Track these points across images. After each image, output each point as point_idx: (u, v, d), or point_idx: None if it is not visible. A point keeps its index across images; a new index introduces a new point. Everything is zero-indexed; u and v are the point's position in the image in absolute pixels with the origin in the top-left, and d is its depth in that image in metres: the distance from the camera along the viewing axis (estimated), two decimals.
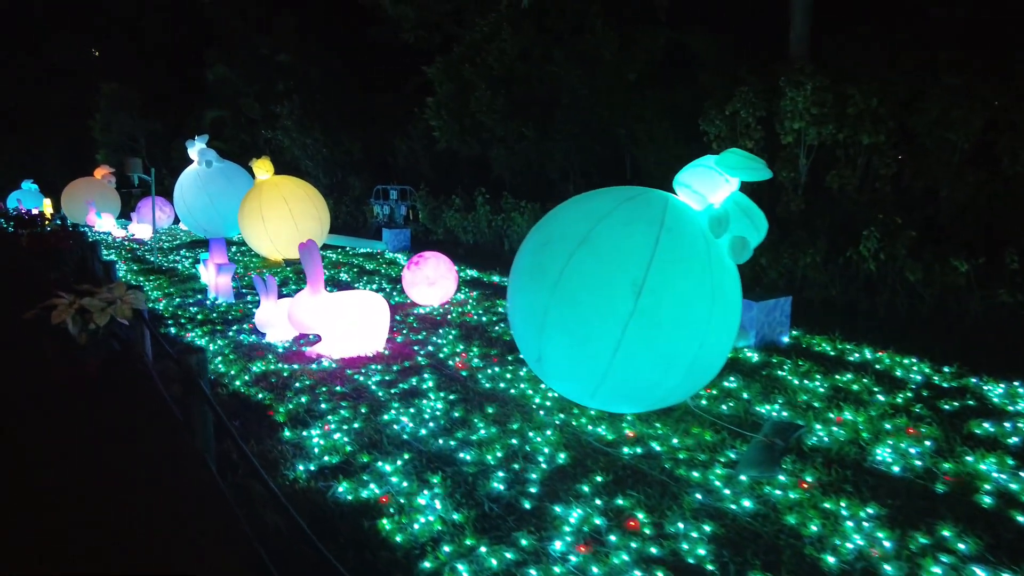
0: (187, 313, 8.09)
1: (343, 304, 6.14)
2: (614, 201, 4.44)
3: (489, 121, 13.82)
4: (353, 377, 5.59)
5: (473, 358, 6.12)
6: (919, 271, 7.49)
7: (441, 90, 14.91)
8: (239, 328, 7.28)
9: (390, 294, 9.08)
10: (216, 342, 6.69)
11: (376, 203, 16.56)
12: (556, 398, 5.07)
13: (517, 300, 4.58)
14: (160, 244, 16.30)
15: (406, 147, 17.75)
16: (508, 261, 11.93)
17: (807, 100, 9.27)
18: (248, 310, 8.18)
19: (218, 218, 15.90)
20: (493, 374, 5.66)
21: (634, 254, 4.13)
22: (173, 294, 9.34)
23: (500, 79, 13.61)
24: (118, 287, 5.33)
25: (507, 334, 6.85)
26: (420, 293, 8.10)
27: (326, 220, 12.43)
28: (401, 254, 13.24)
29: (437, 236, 14.41)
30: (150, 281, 10.65)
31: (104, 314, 5.00)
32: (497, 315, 7.72)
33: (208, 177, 15.83)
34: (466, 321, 7.47)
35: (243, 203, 12.04)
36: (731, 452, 4.25)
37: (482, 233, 13.13)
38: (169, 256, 13.92)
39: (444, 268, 8.14)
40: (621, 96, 12.32)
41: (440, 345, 6.53)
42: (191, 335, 7.04)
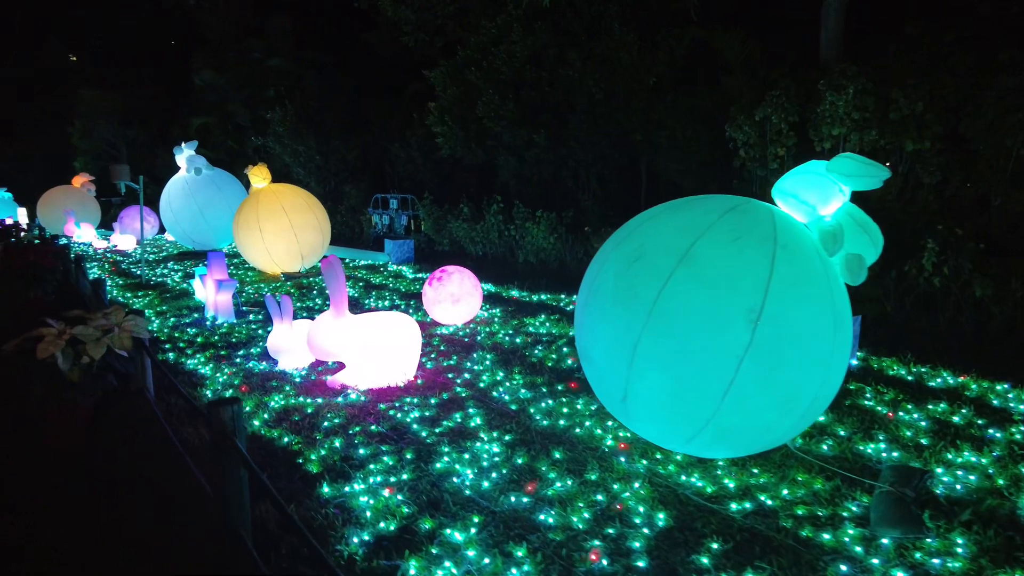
0: (185, 335, 7.29)
1: (371, 327, 5.41)
2: (714, 211, 3.79)
3: (496, 128, 13.16)
4: (388, 413, 4.86)
5: (518, 387, 5.41)
6: (989, 286, 6.93)
7: (444, 95, 14.24)
8: (246, 353, 6.51)
9: (406, 312, 8.34)
10: (222, 371, 5.91)
11: (375, 212, 15.81)
12: (630, 438, 4.38)
13: (597, 329, 3.89)
14: (145, 256, 15.39)
15: (405, 155, 17.03)
16: (522, 273, 11.31)
17: (848, 104, 8.74)
18: (253, 331, 7.41)
19: (207, 228, 15.07)
20: (547, 408, 4.97)
21: (748, 276, 3.47)
22: (166, 313, 8.52)
23: (509, 83, 12.97)
24: (115, 312, 4.56)
25: (549, 358, 6.16)
26: (443, 312, 7.39)
27: (327, 232, 11.67)
28: (406, 266, 12.51)
29: (443, 247, 13.70)
30: (139, 297, 9.81)
31: (99, 345, 4.24)
32: (529, 335, 7.03)
33: (197, 185, 14.99)
34: (498, 343, 6.76)
35: (238, 213, 11.25)
36: (852, 505, 3.60)
37: (492, 244, 12.45)
38: (156, 269, 13.04)
39: (469, 285, 7.44)
40: (640, 100, 11.74)
41: (477, 372, 5.82)
42: (192, 361, 6.25)
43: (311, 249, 11.29)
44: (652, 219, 3.99)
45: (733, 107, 10.22)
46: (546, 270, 11.18)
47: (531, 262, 11.50)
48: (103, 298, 6.79)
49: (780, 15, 11.37)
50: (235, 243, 11.73)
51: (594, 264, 4.22)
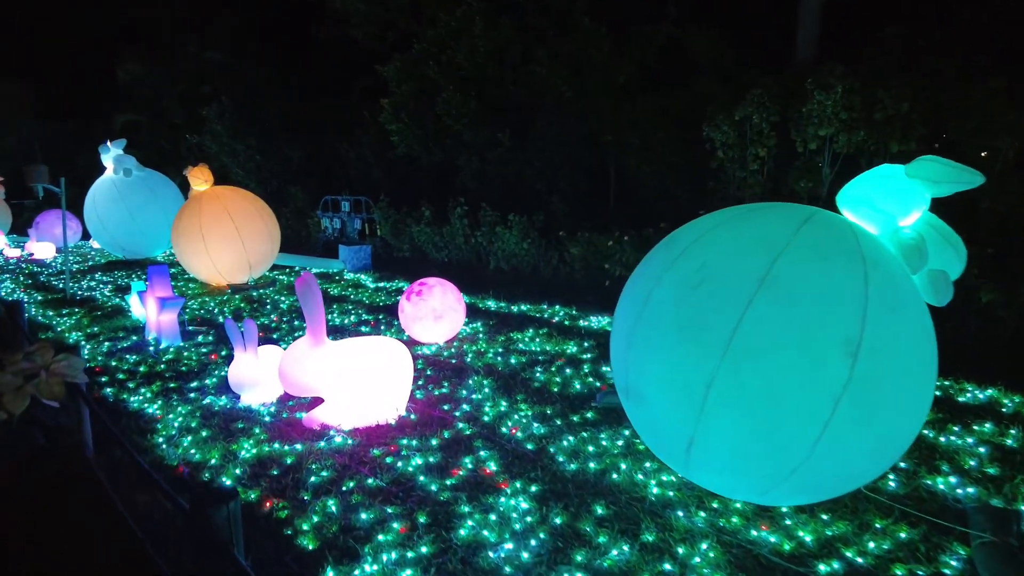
0: (124, 363, 6.29)
1: (356, 356, 4.64)
2: (787, 222, 3.23)
3: (457, 126, 12.43)
4: (385, 461, 4.11)
5: (529, 420, 4.75)
6: (995, 291, 6.69)
7: (399, 91, 13.40)
8: (200, 385, 5.60)
9: (377, 329, 7.55)
10: (175, 410, 5.01)
11: (324, 216, 14.80)
12: (677, 483, 3.79)
13: (653, 365, 3.27)
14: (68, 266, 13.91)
15: (356, 154, 16.06)
16: (494, 281, 10.63)
17: (837, 104, 8.44)
18: (204, 356, 6.47)
19: (139, 235, 13.77)
20: (570, 446, 4.32)
21: (842, 300, 2.92)
22: (99, 335, 7.45)
23: (470, 80, 12.25)
24: (41, 351, 3.65)
25: (553, 383, 5.52)
26: (424, 330, 6.64)
27: (277, 238, 10.69)
28: (364, 274, 11.62)
29: (402, 253, 12.87)
30: (63, 316, 8.64)
31: (21, 396, 3.34)
32: (522, 353, 6.36)
33: (126, 188, 13.67)
34: (491, 364, 6.07)
35: (178, 219, 10.15)
36: (951, 559, 3.12)
37: (458, 250, 11.71)
38: (82, 281, 11.72)
39: (452, 299, 6.72)
40: (609, 100, 11.24)
41: (477, 403, 5.12)
42: (137, 397, 5.31)
43: (260, 258, 10.29)
44: (709, 233, 3.39)
45: (711, 107, 9.84)
46: (519, 277, 10.54)
47: (503, 269, 10.83)
48: (22, 324, 5.75)
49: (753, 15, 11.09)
50: (174, 252, 10.60)
51: (637, 286, 3.60)
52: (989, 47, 8.53)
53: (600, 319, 7.79)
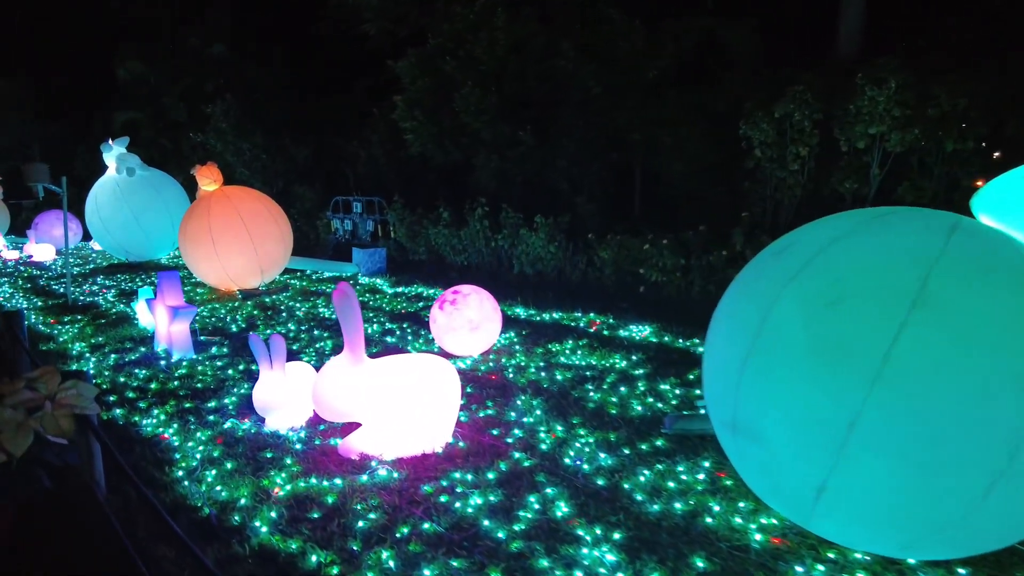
0: (133, 379, 5.77)
1: (400, 375, 4.13)
2: (934, 232, 2.71)
3: (475, 124, 11.91)
4: (439, 500, 3.60)
5: (592, 449, 4.23)
6: None
7: (413, 87, 12.87)
8: (219, 405, 5.08)
9: (404, 339, 7.03)
10: (193, 435, 4.49)
11: (335, 217, 14.28)
12: (782, 527, 3.27)
13: (775, 398, 2.75)
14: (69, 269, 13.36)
15: (365, 153, 15.53)
16: (518, 286, 10.08)
17: (890, 100, 7.94)
18: (220, 370, 5.96)
19: (143, 236, 13.24)
20: (646, 482, 3.81)
21: (1012, 324, 2.42)
22: (104, 346, 6.92)
23: (489, 75, 11.73)
24: (46, 378, 3.13)
25: (609, 403, 5.01)
26: (458, 341, 6.12)
27: (290, 241, 10.17)
28: (380, 278, 11.10)
29: (418, 256, 12.34)
30: (65, 324, 8.12)
31: (23, 433, 2.84)
32: (567, 368, 5.85)
33: (129, 188, 13.14)
34: (535, 381, 5.56)
35: (186, 220, 9.62)
36: None
37: (478, 253, 11.19)
38: (84, 285, 11.19)
39: (489, 308, 6.21)
40: (638, 96, 10.73)
41: (529, 427, 4.60)
42: (150, 420, 4.79)
43: (272, 262, 9.77)
44: (838, 242, 2.87)
45: (749, 103, 9.33)
46: (544, 282, 10.03)
47: (527, 273, 10.31)
48: (21, 337, 5.23)
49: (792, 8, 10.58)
50: (181, 255, 10.08)
51: (744, 304, 3.09)
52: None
53: (640, 328, 7.28)
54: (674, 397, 5.16)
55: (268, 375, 4.49)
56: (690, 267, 8.48)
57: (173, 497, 3.60)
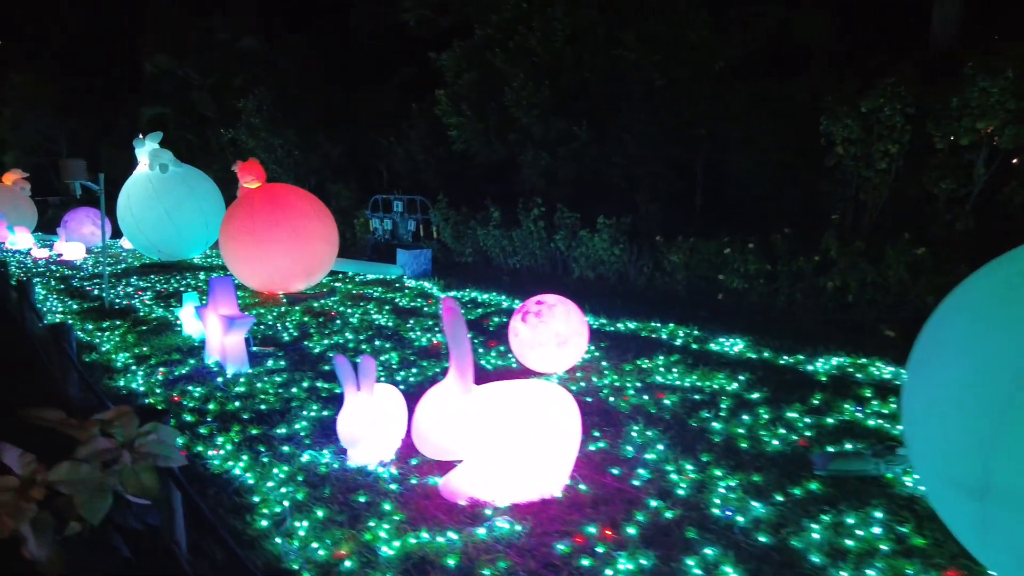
0: (188, 398, 5.20)
1: (515, 406, 3.51)
2: None
3: (526, 118, 11.28)
4: (579, 564, 2.97)
5: (739, 494, 3.59)
6: None
7: (459, 81, 12.27)
8: (290, 432, 4.48)
9: (475, 353, 6.41)
10: (268, 471, 3.89)
11: (374, 216, 13.71)
12: None
13: None
14: (101, 269, 12.92)
15: (403, 150, 14.97)
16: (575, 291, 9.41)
17: (1005, 92, 7.21)
18: (280, 387, 5.37)
19: (176, 235, 12.75)
20: (820, 540, 3.16)
21: None
22: (149, 357, 6.37)
23: (543, 67, 11.10)
24: (122, 420, 2.54)
25: (737, 435, 4.36)
26: (543, 358, 5.50)
27: (336, 242, 9.61)
28: (427, 281, 10.51)
29: (464, 258, 11.74)
30: (104, 330, 7.59)
31: (101, 496, 2.25)
32: (671, 390, 5.20)
33: (163, 184, 12.65)
34: (639, 406, 4.92)
35: (227, 220, 9.08)
36: None
37: (531, 255, 10.56)
38: (117, 287, 10.70)
39: (576, 320, 5.58)
40: (704, 88, 10.05)
41: (653, 464, 3.96)
42: (216, 453, 4.20)
43: (319, 263, 9.21)
44: None
45: (832, 97, 8.63)
46: (606, 287, 9.39)
47: (587, 277, 9.68)
48: (69, 351, 4.67)
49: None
50: (222, 256, 9.55)
51: (1004, 333, 2.43)
52: None
53: (731, 341, 6.61)
54: (806, 427, 4.50)
55: (356, 401, 3.89)
56: (776, 273, 7.81)
57: (264, 558, 3.00)
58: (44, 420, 2.51)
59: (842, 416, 4.69)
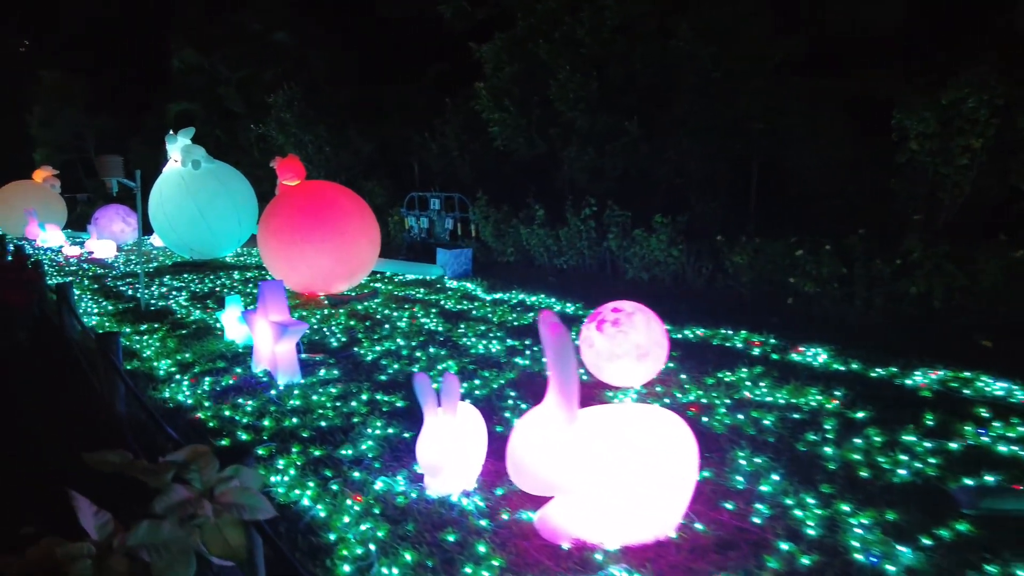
0: (239, 411, 4.82)
1: (627, 435, 3.08)
2: None
3: (571, 112, 10.82)
4: None
5: (882, 538, 3.12)
6: None
7: (500, 74, 11.83)
8: (356, 454, 4.08)
9: (538, 361, 5.98)
10: (346, 507, 3.48)
11: (409, 214, 13.34)
12: None
13: None
14: (131, 266, 12.68)
15: (437, 146, 14.57)
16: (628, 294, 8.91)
17: None
18: (337, 400, 4.98)
19: (209, 233, 12.47)
20: None
21: None
22: (193, 365, 6.02)
23: (589, 59, 10.62)
24: (199, 460, 2.16)
25: (855, 462, 3.89)
26: (622, 371, 5.05)
27: (378, 242, 9.23)
28: (469, 282, 10.10)
29: (506, 257, 11.31)
30: (142, 334, 7.28)
31: (181, 565, 1.86)
32: (766, 407, 4.73)
33: (195, 181, 12.37)
34: (734, 426, 4.46)
35: (266, 218, 8.74)
36: None
37: (578, 255, 10.11)
38: (151, 287, 10.41)
39: (657, 330, 5.13)
40: (763, 80, 9.53)
41: (770, 498, 3.51)
42: (279, 478, 3.81)
43: (361, 264, 8.84)
44: None
45: (906, 89, 8.07)
46: (660, 290, 8.91)
47: (641, 279, 9.21)
48: (118, 363, 4.31)
49: None
50: (261, 256, 9.21)
51: None
52: None
53: (813, 351, 6.12)
54: (927, 453, 4.02)
55: (439, 425, 3.47)
56: (853, 277, 7.29)
57: None
58: (110, 466, 2.12)
59: (965, 440, 4.20)
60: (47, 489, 3.34)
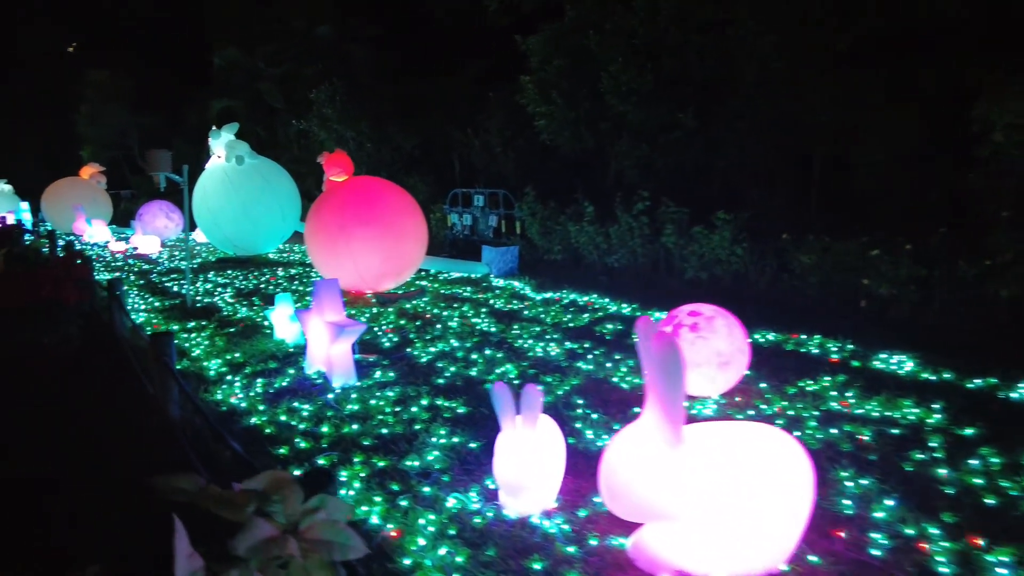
0: (295, 416, 4.60)
1: (738, 459, 2.75)
2: None
3: (622, 106, 10.45)
4: None
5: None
6: None
7: (548, 68, 11.51)
8: (423, 466, 3.82)
9: (601, 366, 5.66)
10: (418, 525, 3.21)
11: (452, 211, 13.10)
12: None
13: None
14: (174, 262, 12.69)
15: (480, 142, 14.31)
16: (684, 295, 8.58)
17: None
18: (395, 405, 4.73)
19: (252, 229, 12.39)
20: None
21: None
22: (243, 365, 5.84)
23: (643, 51, 10.23)
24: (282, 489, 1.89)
25: (976, 487, 3.49)
26: (703, 380, 4.71)
27: (425, 240, 8.99)
28: (516, 280, 9.81)
29: (552, 255, 10.99)
30: (189, 332, 7.14)
31: None
32: (859, 421, 4.34)
33: (239, 177, 12.30)
34: (828, 441, 4.08)
35: (314, 213, 8.57)
36: None
37: (630, 254, 9.74)
38: (196, 283, 10.34)
39: (739, 337, 4.77)
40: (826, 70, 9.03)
41: (884, 524, 3.14)
42: (346, 493, 3.57)
43: (409, 262, 8.62)
44: None
45: (992, 75, 7.53)
46: (719, 290, 8.51)
47: (700, 279, 8.81)
48: (170, 364, 4.11)
49: None
50: (308, 253, 9.05)
51: None
52: None
53: (896, 358, 5.69)
54: None
55: (519, 439, 3.18)
56: (932, 279, 6.82)
57: None
58: (182, 494, 1.86)
59: None
60: (111, 511, 3.14)
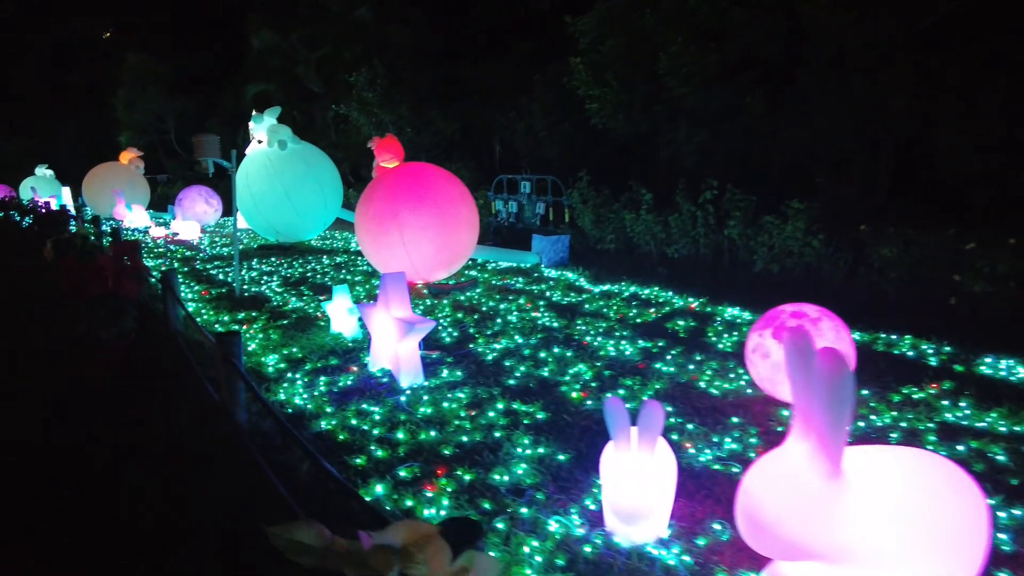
0: (365, 419, 4.32)
1: (904, 491, 2.38)
2: None
3: (682, 89, 9.96)
4: None
5: None
6: None
7: (602, 48, 11.04)
8: (512, 479, 3.51)
9: (683, 368, 5.30)
10: (521, 553, 2.90)
11: (497, 198, 12.76)
12: None
13: None
14: (216, 249, 12.56)
15: (523, 126, 13.91)
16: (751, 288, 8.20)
17: None
18: (468, 408, 4.42)
19: (295, 216, 12.19)
20: None
21: None
22: (303, 362, 5.58)
23: (704, 31, 9.73)
24: (426, 548, 1.57)
25: None
26: None
27: (477, 229, 8.66)
28: (569, 271, 9.46)
29: (605, 244, 10.60)
30: (240, 323, 6.92)
31: None
32: (988, 437, 3.93)
33: (281, 162, 12.08)
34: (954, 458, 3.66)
35: (365, 201, 8.29)
36: None
37: (692, 244, 9.31)
38: (241, 271, 10.15)
39: (846, 339, 4.36)
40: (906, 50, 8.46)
41: None
42: (431, 511, 3.27)
43: (462, 251, 8.30)
44: None
45: None
46: (790, 282, 8.06)
47: (770, 271, 8.37)
48: (239, 366, 3.84)
49: None
50: (358, 242, 8.79)
51: None
52: None
53: (1008, 364, 5.22)
54: None
55: (636, 463, 2.84)
56: None
57: None
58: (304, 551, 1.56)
59: None
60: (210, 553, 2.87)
